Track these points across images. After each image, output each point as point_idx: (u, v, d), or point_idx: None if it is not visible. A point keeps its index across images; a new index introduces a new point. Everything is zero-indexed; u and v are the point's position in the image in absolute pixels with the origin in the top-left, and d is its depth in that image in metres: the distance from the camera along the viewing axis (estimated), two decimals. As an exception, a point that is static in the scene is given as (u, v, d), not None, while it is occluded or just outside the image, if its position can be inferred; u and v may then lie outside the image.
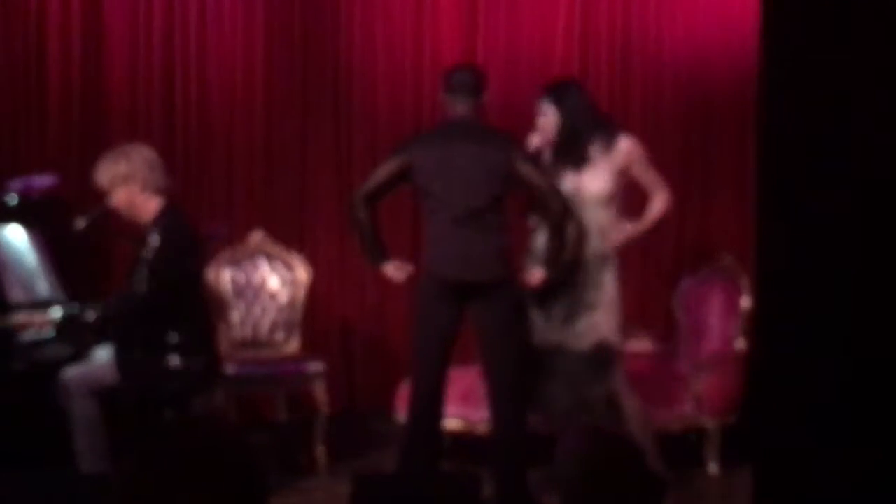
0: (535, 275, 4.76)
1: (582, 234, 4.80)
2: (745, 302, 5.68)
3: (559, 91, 4.94)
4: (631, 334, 6.19)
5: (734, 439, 5.51)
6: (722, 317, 5.87)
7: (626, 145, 4.87)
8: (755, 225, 3.06)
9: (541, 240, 4.86)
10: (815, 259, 2.81)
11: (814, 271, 2.80)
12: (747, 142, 6.38)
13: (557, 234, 4.71)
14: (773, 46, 2.92)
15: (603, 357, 4.84)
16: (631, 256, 6.62)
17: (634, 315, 6.47)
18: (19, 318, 4.77)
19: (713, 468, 5.50)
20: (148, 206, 4.69)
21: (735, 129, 6.53)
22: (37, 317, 4.70)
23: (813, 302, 2.81)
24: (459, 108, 4.75)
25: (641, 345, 6.19)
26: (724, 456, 5.50)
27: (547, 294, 4.82)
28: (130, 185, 4.67)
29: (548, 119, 4.88)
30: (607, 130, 4.91)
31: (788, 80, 2.85)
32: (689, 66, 6.63)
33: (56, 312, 4.70)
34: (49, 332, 4.72)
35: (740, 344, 5.68)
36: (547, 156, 4.92)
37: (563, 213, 4.68)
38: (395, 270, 4.89)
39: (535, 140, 4.91)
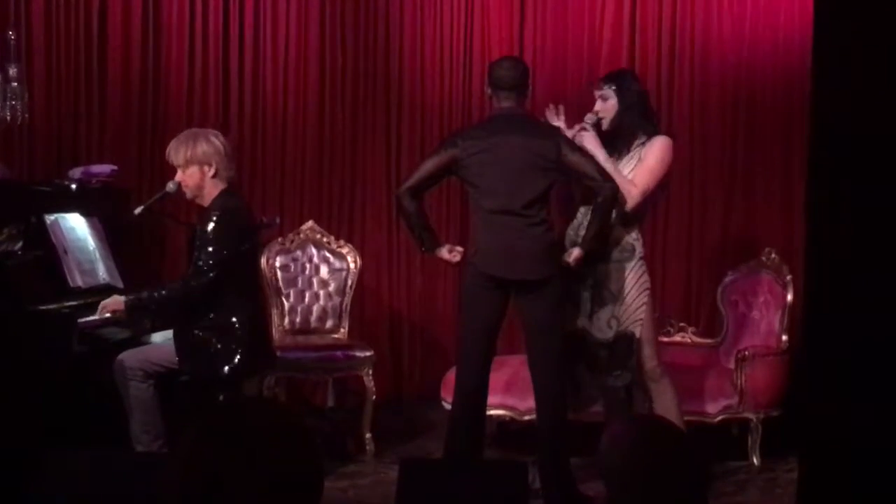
0: (573, 253, 4.73)
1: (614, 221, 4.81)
2: (789, 296, 5.71)
3: (621, 80, 4.95)
4: (676, 328, 6.27)
5: (776, 432, 5.55)
6: (766, 311, 5.90)
7: (658, 140, 4.89)
8: (805, 218, 3.06)
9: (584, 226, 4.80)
10: (865, 254, 2.82)
11: (863, 266, 2.81)
12: (793, 136, 6.41)
13: (601, 217, 4.66)
14: (825, 37, 2.91)
15: (624, 347, 4.84)
16: (676, 251, 6.70)
17: (679, 309, 6.54)
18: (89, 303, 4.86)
19: (755, 460, 5.54)
20: (213, 190, 4.78)
21: (780, 123, 6.54)
22: (106, 302, 4.79)
23: (862, 297, 2.82)
24: (504, 101, 4.76)
25: (686, 338, 6.24)
26: (767, 449, 5.54)
27: (575, 282, 4.82)
28: (204, 166, 4.75)
29: (608, 105, 4.90)
30: (653, 129, 4.94)
31: (841, 72, 2.84)
32: (735, 59, 6.64)
33: (121, 298, 4.78)
34: (112, 316, 4.81)
35: (784, 338, 5.72)
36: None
37: (611, 200, 4.66)
38: (448, 253, 4.89)
39: (592, 118, 4.85)
